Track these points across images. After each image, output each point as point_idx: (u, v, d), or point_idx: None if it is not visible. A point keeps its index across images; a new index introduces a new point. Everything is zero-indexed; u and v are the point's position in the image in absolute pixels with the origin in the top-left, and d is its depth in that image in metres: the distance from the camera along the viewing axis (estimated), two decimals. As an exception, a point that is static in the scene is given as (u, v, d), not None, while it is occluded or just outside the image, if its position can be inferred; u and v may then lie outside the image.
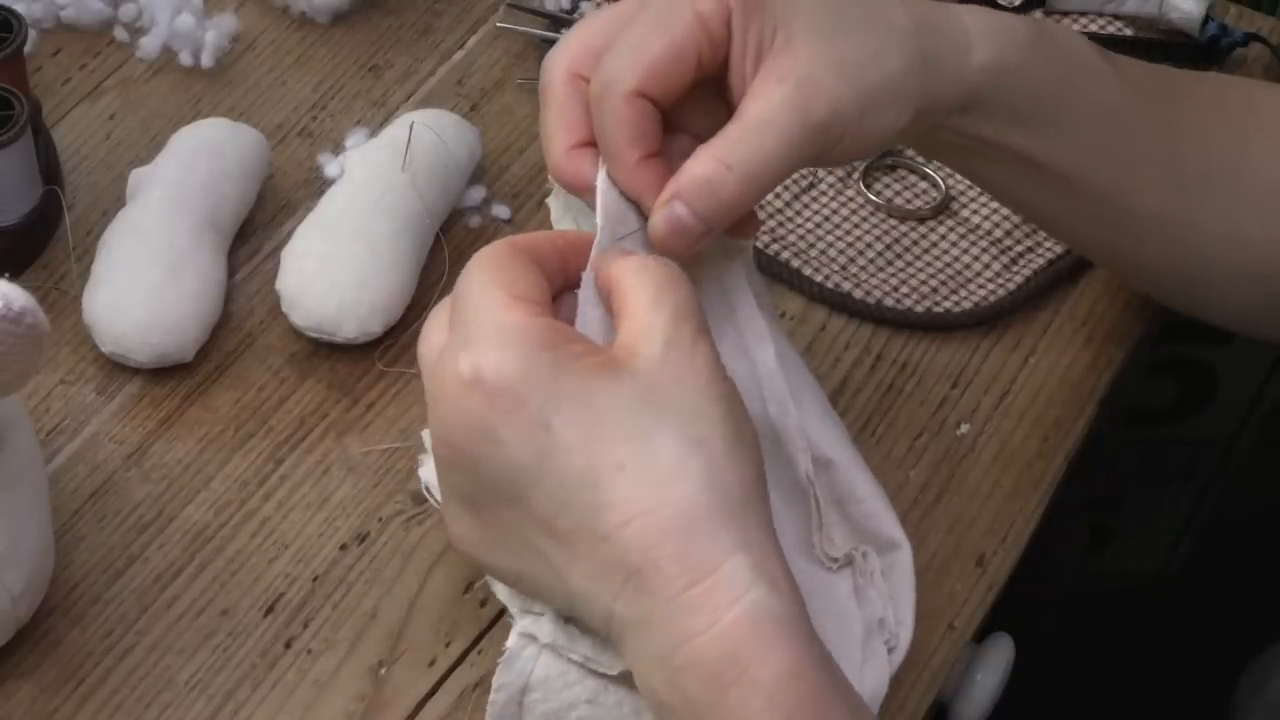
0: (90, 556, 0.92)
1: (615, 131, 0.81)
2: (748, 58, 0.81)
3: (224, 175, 1.01)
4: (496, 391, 0.73)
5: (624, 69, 0.80)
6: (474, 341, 0.74)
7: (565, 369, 0.74)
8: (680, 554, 0.72)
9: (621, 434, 0.73)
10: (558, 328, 0.75)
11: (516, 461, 0.74)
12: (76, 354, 0.99)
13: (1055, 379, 1.02)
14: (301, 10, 1.15)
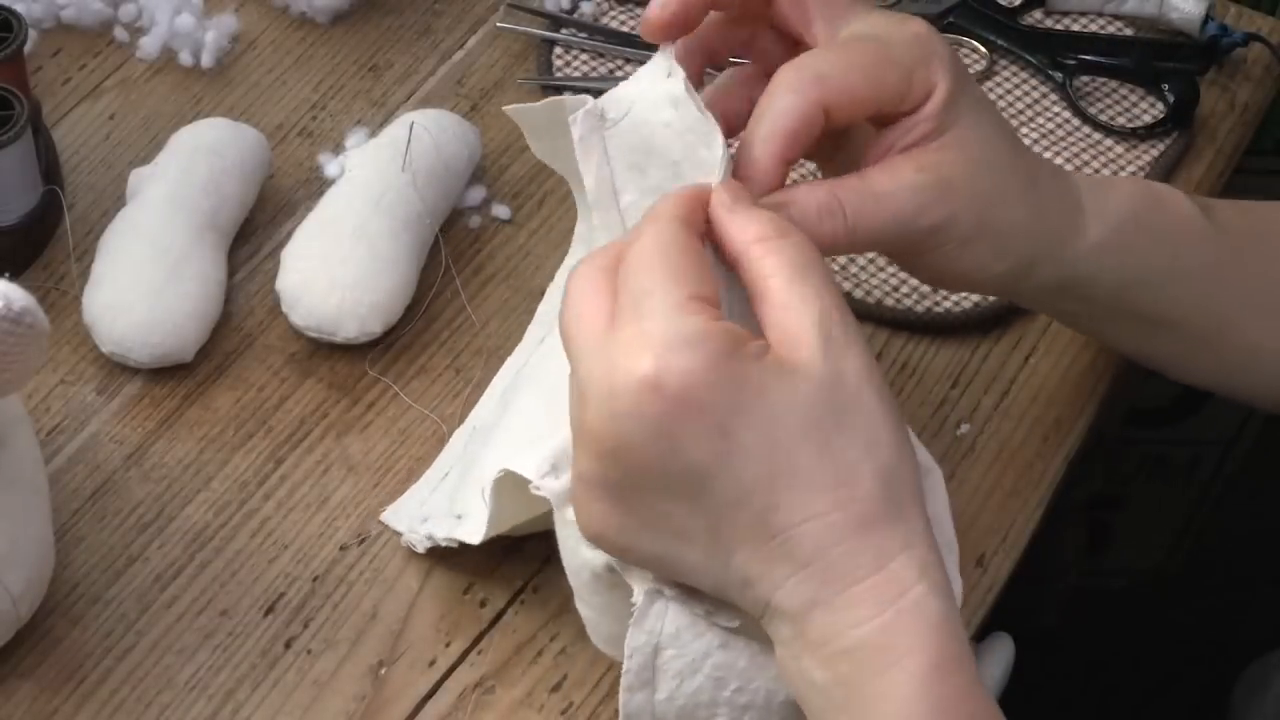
0: (90, 556, 0.92)
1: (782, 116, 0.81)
2: (910, 136, 0.84)
3: (224, 175, 1.01)
4: (679, 398, 0.74)
5: (828, 76, 0.82)
6: (654, 343, 0.74)
7: (745, 377, 0.74)
8: (852, 552, 0.74)
9: (798, 439, 0.74)
10: (734, 332, 0.75)
11: (691, 464, 0.75)
12: (76, 354, 0.99)
13: (1055, 379, 1.02)
14: (301, 10, 1.15)
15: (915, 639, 0.74)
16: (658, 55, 0.83)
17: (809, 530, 0.74)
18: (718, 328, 0.75)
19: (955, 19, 1.16)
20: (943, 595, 0.75)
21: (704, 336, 0.74)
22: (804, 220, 0.81)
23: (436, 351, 1.00)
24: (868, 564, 0.74)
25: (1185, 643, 1.61)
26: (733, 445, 0.74)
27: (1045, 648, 1.20)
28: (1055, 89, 1.14)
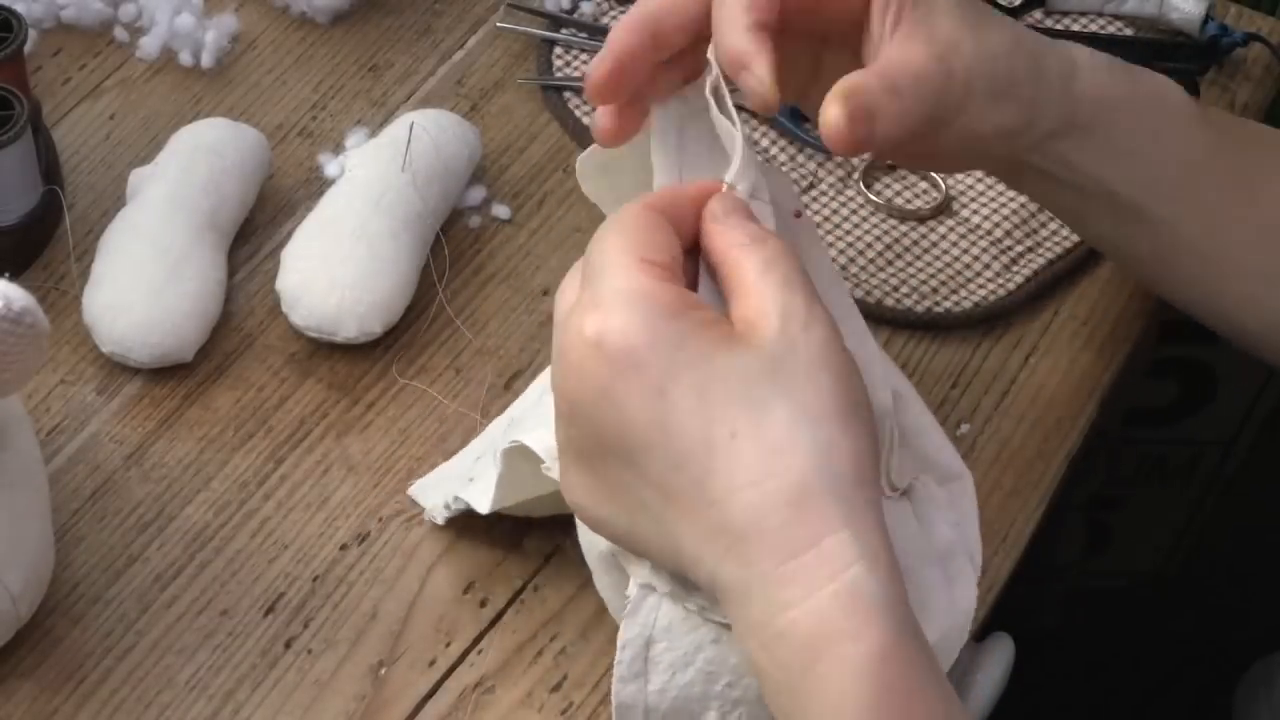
0: (90, 556, 0.92)
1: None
2: (890, 12, 0.84)
3: (224, 175, 1.01)
4: (618, 355, 0.74)
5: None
6: (601, 303, 0.75)
7: (687, 337, 0.74)
8: (784, 525, 0.72)
9: (736, 403, 0.73)
10: (684, 295, 0.75)
11: (633, 424, 0.74)
12: (77, 354, 0.99)
13: (1055, 379, 1.02)
14: (301, 10, 1.15)
15: (851, 624, 0.71)
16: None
17: (744, 498, 0.72)
18: (663, 288, 0.75)
19: (955, 19, 1.16)
20: (885, 578, 0.72)
21: (646, 295, 0.74)
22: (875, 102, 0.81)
23: (436, 351, 1.00)
24: (801, 540, 0.72)
25: (1185, 643, 1.61)
26: (669, 405, 0.73)
27: (1045, 647, 1.20)
28: (1055, 89, 1.14)
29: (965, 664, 0.95)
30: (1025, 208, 1.08)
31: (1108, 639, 1.63)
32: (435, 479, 0.95)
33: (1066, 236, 1.07)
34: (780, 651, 0.72)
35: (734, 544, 0.73)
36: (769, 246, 0.77)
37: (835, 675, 0.71)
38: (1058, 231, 1.07)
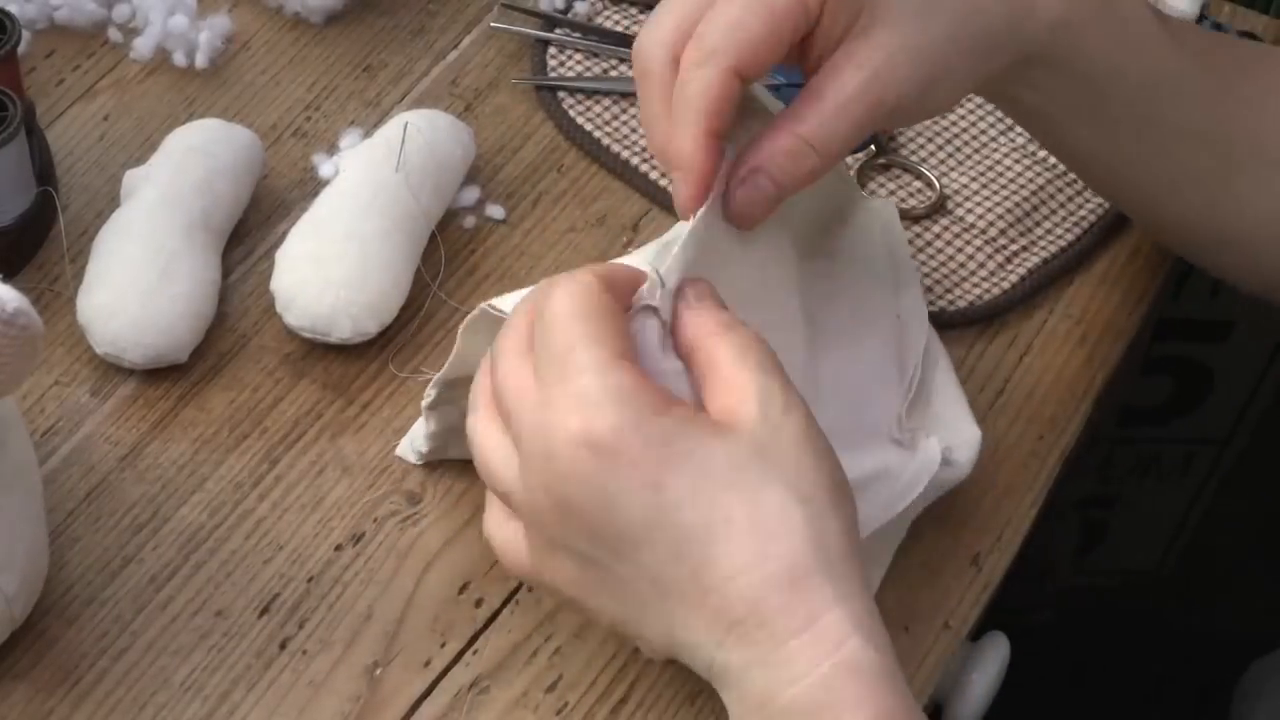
0: (85, 557, 0.92)
1: (699, 101, 0.82)
2: (833, 35, 0.84)
3: (218, 176, 1.01)
4: (612, 453, 0.75)
5: (724, 45, 0.82)
6: (588, 399, 0.76)
7: (675, 432, 0.76)
8: (785, 607, 0.75)
9: (729, 490, 0.76)
10: (663, 391, 0.77)
11: (629, 519, 0.76)
12: (71, 355, 0.99)
13: (1050, 377, 1.02)
14: (295, 10, 1.15)
15: (851, 694, 0.74)
16: None
17: (743, 583, 0.75)
18: (647, 384, 0.77)
19: (949, 18, 1.16)
20: (879, 648, 0.75)
21: (633, 392, 0.76)
22: (780, 171, 0.83)
23: (431, 352, 1.00)
24: (801, 618, 0.74)
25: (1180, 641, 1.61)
26: (665, 499, 0.75)
27: (1040, 646, 1.20)
28: (1049, 88, 1.14)
29: (960, 663, 0.95)
30: (1020, 206, 1.08)
31: (1103, 638, 1.63)
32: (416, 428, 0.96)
33: (1061, 235, 1.07)
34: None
35: (734, 627, 0.75)
36: (741, 333, 0.79)
37: None
38: (1053, 230, 1.07)
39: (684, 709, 0.89)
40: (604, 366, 0.76)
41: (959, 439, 0.92)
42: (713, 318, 0.80)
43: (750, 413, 0.77)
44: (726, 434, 0.76)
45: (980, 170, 1.10)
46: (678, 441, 0.76)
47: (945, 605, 0.93)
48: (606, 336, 0.77)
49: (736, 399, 0.77)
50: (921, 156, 1.10)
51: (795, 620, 0.74)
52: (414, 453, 0.95)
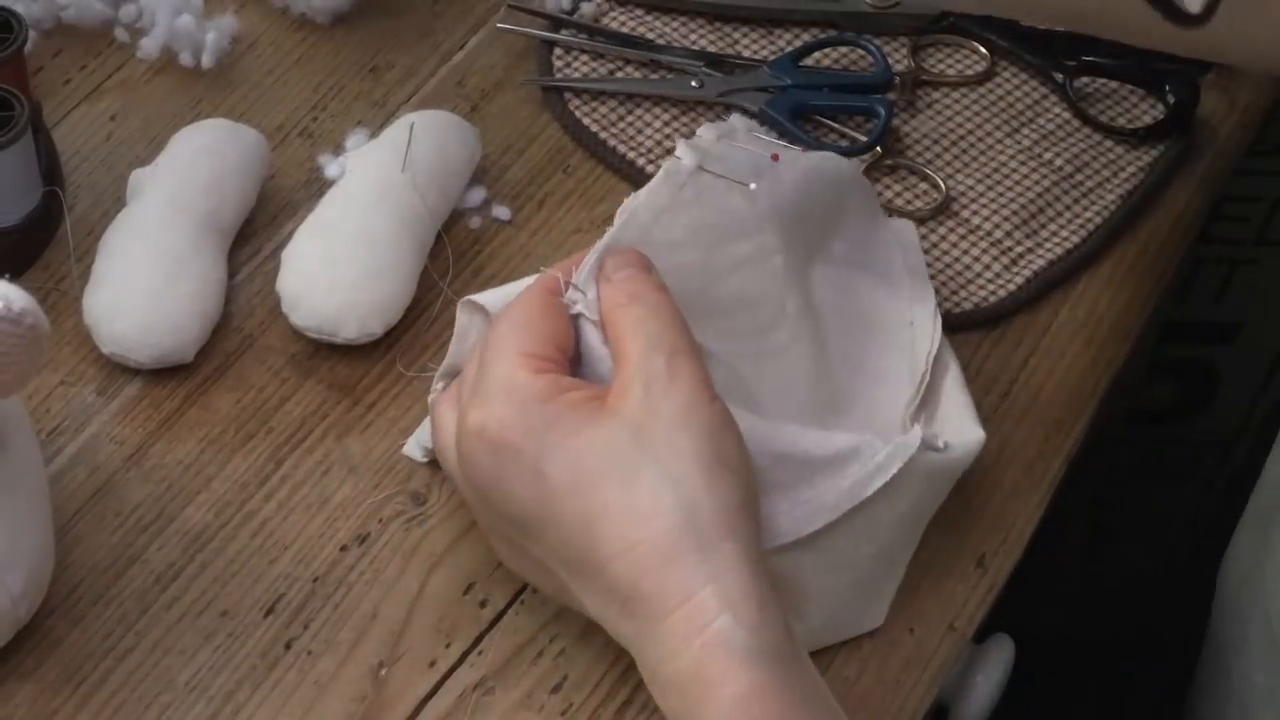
0: (90, 557, 0.92)
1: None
2: None
3: (224, 176, 1.01)
4: (498, 444, 0.81)
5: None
6: (483, 397, 0.82)
7: (556, 419, 0.80)
8: (658, 585, 0.78)
9: (605, 477, 0.80)
10: (558, 381, 0.82)
11: (524, 506, 0.82)
12: (77, 355, 0.99)
13: (1056, 379, 1.02)
14: (302, 11, 1.15)
15: (719, 671, 0.76)
16: None
17: (622, 564, 0.79)
18: (540, 379, 0.81)
19: (956, 19, 1.16)
20: (753, 624, 0.77)
21: (521, 385, 0.81)
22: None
23: (438, 352, 1.00)
24: (674, 597, 0.78)
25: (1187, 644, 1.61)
26: (548, 488, 0.80)
27: (1046, 649, 1.20)
28: (1055, 90, 1.14)
29: (965, 665, 0.95)
30: (1025, 209, 1.08)
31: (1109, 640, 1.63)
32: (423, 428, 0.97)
33: (1067, 238, 1.07)
34: (670, 699, 0.79)
35: (623, 604, 0.80)
36: (643, 305, 0.83)
37: (715, 716, 0.76)
38: (1058, 233, 1.07)
39: (689, 710, 0.89)
40: (504, 364, 0.82)
41: (959, 439, 0.92)
42: (623, 289, 0.84)
43: (634, 394, 0.81)
44: (606, 419, 0.80)
45: (986, 172, 1.10)
46: (556, 428, 0.80)
47: (950, 607, 0.93)
48: (520, 339, 0.82)
49: (625, 379, 0.81)
50: (927, 158, 1.10)
51: (669, 599, 0.78)
52: (420, 449, 0.96)
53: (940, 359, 0.96)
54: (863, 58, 1.15)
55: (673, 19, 1.16)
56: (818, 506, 0.87)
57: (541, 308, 0.84)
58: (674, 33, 1.16)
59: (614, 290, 0.84)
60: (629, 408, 0.80)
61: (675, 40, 1.15)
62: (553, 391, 0.81)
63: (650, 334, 0.82)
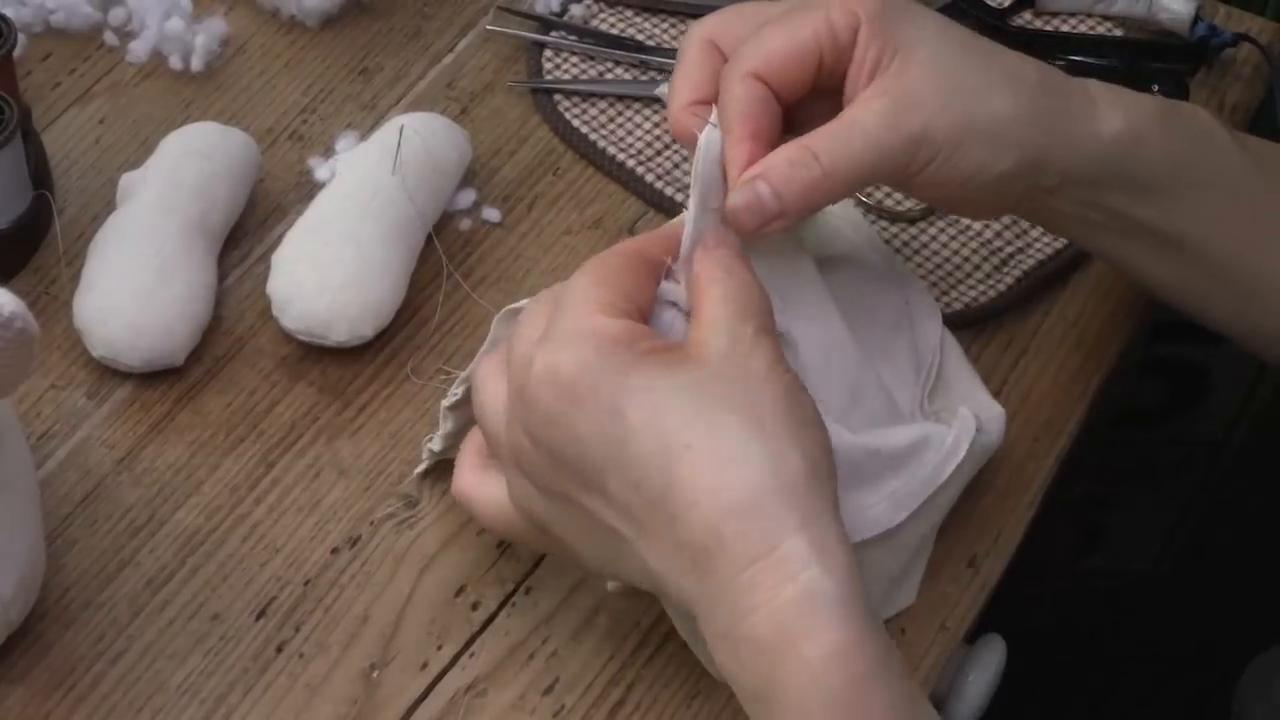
0: (81, 561, 0.92)
1: (729, 105, 0.85)
2: (864, 73, 0.86)
3: (214, 179, 1.01)
4: (572, 383, 0.77)
5: (748, 53, 0.86)
6: (557, 342, 0.78)
7: (636, 362, 0.77)
8: (742, 533, 0.74)
9: (690, 418, 0.76)
10: (634, 329, 0.79)
11: (592, 449, 0.77)
12: (67, 358, 0.99)
13: (1046, 379, 1.02)
14: (291, 14, 1.15)
15: (807, 624, 0.73)
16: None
17: (703, 509, 0.75)
18: (616, 324, 0.78)
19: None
20: (839, 579, 0.74)
21: (600, 328, 0.78)
22: (779, 178, 0.84)
23: (428, 355, 1.00)
24: (759, 545, 0.74)
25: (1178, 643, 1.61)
26: (626, 424, 0.76)
27: (1038, 648, 1.20)
28: (1045, 90, 1.14)
29: (957, 665, 0.95)
30: (1015, 209, 1.08)
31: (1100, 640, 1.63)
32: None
33: (1056, 238, 1.07)
34: (747, 656, 0.74)
35: (696, 555, 0.75)
36: (734, 281, 0.81)
37: (796, 675, 0.73)
38: (1048, 233, 1.07)
39: (681, 711, 0.89)
40: (578, 313, 0.79)
41: (985, 415, 0.92)
42: (719, 263, 0.81)
43: (718, 345, 0.78)
44: (690, 365, 0.78)
45: (976, 172, 1.10)
46: (637, 369, 0.77)
47: (942, 607, 0.93)
48: (599, 295, 0.79)
49: (707, 332, 0.79)
50: (917, 158, 1.10)
51: (753, 547, 0.74)
52: (425, 450, 0.95)
53: (942, 340, 0.96)
54: (852, 59, 1.15)
55: (662, 20, 1.16)
56: (906, 494, 0.87)
57: (622, 266, 0.81)
58: (663, 34, 1.16)
59: (711, 263, 0.81)
60: (712, 356, 0.78)
61: (665, 41, 1.15)
62: (633, 337, 0.78)
63: (742, 306, 0.79)
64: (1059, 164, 0.88)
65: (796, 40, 0.86)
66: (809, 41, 0.86)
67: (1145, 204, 0.90)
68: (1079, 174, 0.89)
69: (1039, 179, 0.88)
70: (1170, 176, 0.90)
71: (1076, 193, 0.89)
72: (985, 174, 0.87)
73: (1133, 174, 0.89)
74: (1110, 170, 0.89)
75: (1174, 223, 0.91)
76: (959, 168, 0.86)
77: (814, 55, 0.86)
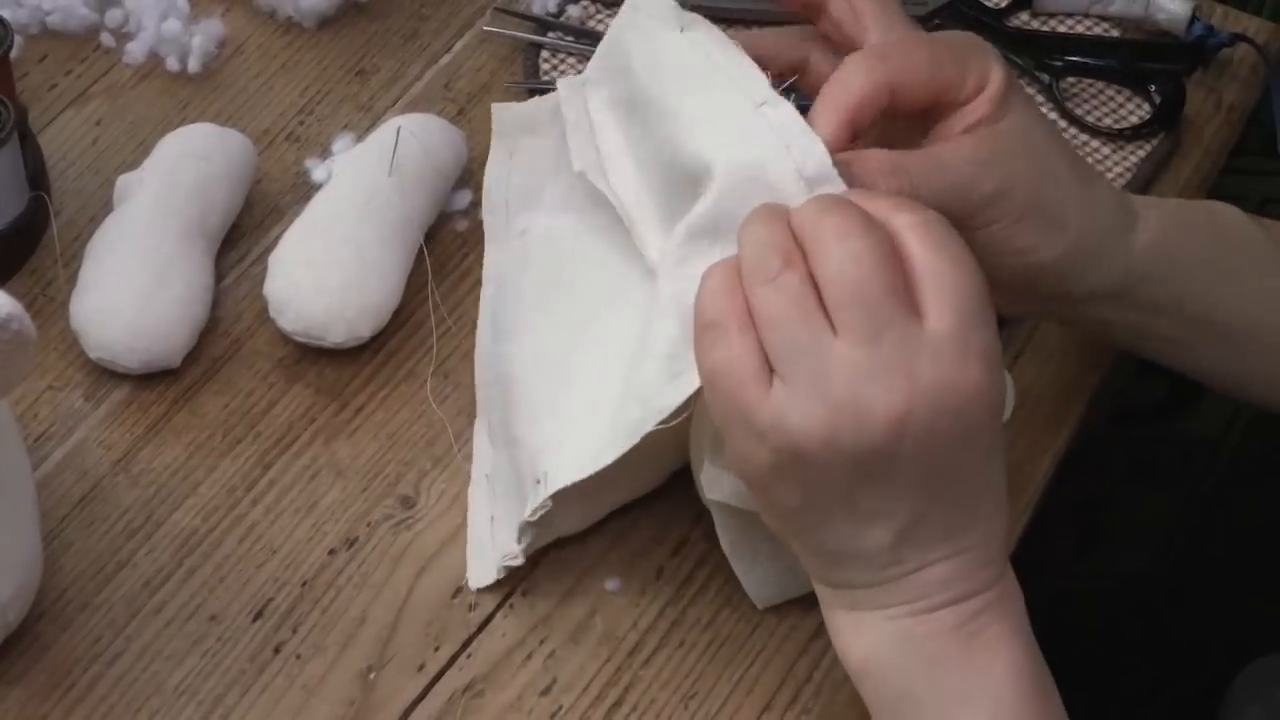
0: (78, 562, 0.92)
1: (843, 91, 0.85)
2: (964, 123, 0.87)
3: (211, 180, 1.01)
4: (993, 405, 0.79)
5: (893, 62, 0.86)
6: (915, 384, 0.76)
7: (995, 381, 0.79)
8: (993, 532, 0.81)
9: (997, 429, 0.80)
10: None
11: (961, 463, 0.78)
12: (64, 360, 0.99)
13: (1044, 379, 1.02)
14: (288, 15, 1.15)
15: (1014, 609, 0.81)
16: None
17: (990, 523, 0.80)
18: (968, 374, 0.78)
19: (941, 20, 1.16)
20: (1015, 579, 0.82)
21: (978, 346, 0.77)
22: (867, 176, 0.83)
23: (424, 356, 1.00)
24: (998, 547, 0.80)
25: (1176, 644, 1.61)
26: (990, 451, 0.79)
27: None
28: (1042, 90, 1.14)
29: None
30: (1012, 209, 1.08)
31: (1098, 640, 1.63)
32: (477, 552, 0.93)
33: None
34: (949, 625, 0.79)
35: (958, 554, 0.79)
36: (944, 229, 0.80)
37: (1009, 634, 0.80)
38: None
39: (678, 711, 0.89)
40: (922, 350, 0.76)
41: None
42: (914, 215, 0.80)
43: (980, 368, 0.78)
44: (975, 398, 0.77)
45: (973, 172, 1.10)
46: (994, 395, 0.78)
47: (939, 607, 0.93)
48: (913, 306, 0.77)
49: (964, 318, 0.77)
50: (914, 159, 1.10)
51: (994, 545, 0.80)
52: (499, 569, 0.92)
53: None
54: (849, 59, 1.15)
55: (659, 21, 1.16)
56: None
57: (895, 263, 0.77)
58: (660, 35, 1.16)
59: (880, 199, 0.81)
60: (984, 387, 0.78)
61: (661, 42, 1.15)
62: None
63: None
64: (1108, 263, 0.90)
65: (935, 74, 0.86)
66: (941, 79, 0.86)
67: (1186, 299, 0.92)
68: (1123, 273, 0.90)
69: (1070, 285, 0.90)
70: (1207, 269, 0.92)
71: (1119, 289, 0.91)
72: (1032, 255, 0.88)
73: (1170, 275, 0.91)
74: (1149, 271, 0.91)
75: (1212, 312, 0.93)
76: (1014, 239, 0.87)
77: (938, 89, 0.87)
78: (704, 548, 0.93)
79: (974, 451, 0.78)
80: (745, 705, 0.89)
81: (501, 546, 0.92)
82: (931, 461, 0.77)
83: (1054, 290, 0.90)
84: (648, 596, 0.92)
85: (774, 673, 0.91)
